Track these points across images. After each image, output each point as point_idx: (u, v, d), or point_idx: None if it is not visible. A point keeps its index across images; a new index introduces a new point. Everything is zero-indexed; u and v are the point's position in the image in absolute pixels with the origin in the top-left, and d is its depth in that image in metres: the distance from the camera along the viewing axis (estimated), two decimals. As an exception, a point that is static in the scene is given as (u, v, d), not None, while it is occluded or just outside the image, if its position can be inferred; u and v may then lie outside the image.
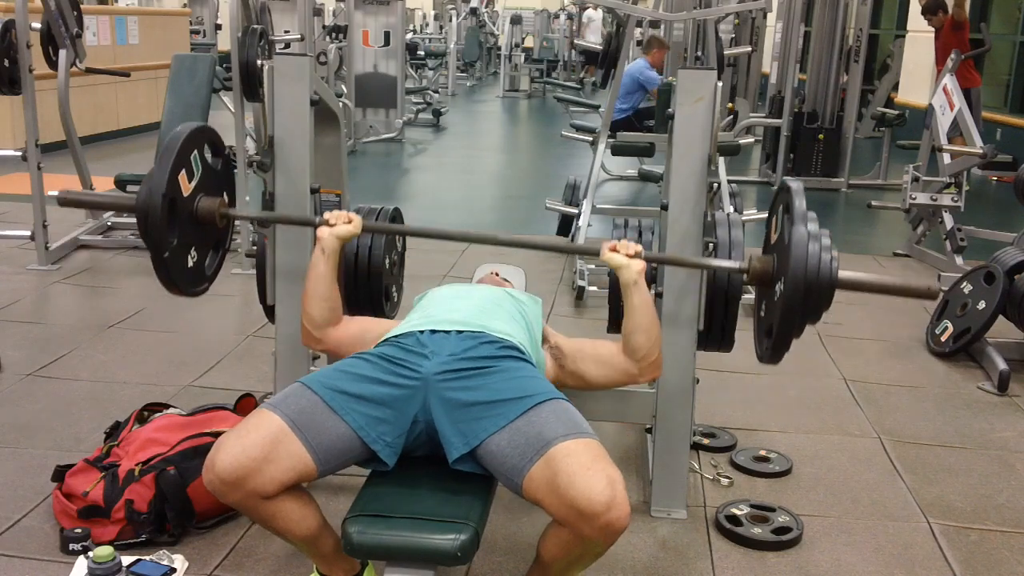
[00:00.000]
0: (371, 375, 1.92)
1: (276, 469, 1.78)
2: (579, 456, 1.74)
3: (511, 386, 1.90)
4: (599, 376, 2.22)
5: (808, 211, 2.03)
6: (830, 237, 2.04)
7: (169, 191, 2.10)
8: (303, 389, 1.90)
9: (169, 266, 2.14)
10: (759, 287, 2.23)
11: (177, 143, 2.14)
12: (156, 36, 9.82)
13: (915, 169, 5.50)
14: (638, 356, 2.17)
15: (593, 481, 1.69)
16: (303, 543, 1.94)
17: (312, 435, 1.83)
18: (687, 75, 2.43)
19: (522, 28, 17.03)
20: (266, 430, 1.81)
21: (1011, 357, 3.72)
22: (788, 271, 1.98)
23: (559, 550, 1.83)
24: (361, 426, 1.86)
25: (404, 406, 1.88)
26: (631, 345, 2.17)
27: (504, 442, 1.81)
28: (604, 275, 2.48)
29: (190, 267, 2.25)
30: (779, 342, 2.07)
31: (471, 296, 2.25)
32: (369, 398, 1.89)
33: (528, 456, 1.77)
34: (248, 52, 4.66)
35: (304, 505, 1.88)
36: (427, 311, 2.16)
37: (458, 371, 1.92)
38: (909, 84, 11.03)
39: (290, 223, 2.48)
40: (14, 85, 4.71)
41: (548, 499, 1.74)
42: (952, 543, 2.49)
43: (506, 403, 1.86)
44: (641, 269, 2.15)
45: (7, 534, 2.35)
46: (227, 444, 1.79)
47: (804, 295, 1.97)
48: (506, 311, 2.18)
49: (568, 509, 1.70)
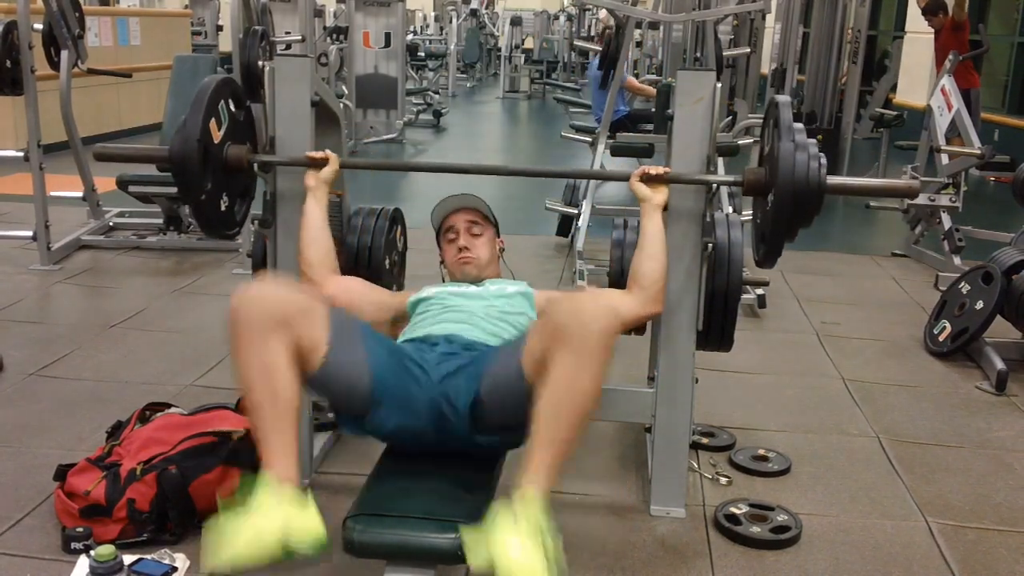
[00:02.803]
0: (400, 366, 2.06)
1: (306, 323, 1.90)
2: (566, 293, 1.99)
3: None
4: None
5: (796, 123, 2.18)
6: (817, 146, 2.18)
7: (203, 137, 2.20)
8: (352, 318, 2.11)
9: (206, 209, 2.28)
10: (754, 197, 2.37)
11: (207, 93, 2.25)
12: (157, 37, 9.83)
13: (913, 170, 5.52)
14: (646, 283, 2.30)
15: (579, 295, 1.97)
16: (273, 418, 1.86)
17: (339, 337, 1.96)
18: (686, 76, 2.44)
19: (522, 29, 17.04)
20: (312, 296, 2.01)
21: (1009, 357, 3.73)
22: (778, 180, 2.12)
23: (553, 392, 1.81)
24: (381, 379, 1.98)
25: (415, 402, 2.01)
26: (641, 271, 2.31)
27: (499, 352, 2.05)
28: (604, 275, 2.49)
29: (222, 211, 2.37)
30: (773, 247, 2.22)
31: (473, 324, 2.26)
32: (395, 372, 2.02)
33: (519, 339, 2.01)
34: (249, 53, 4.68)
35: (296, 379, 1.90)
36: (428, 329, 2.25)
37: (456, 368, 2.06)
38: (907, 85, 11.04)
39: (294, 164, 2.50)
40: (16, 86, 4.73)
41: (548, 309, 1.94)
42: (950, 542, 2.50)
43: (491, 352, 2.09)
44: (661, 202, 2.34)
45: (9, 533, 2.36)
46: (274, 284, 1.98)
47: (794, 201, 2.11)
48: (509, 324, 2.29)
49: (568, 300, 1.89)
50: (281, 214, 2.53)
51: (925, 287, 4.92)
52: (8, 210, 5.86)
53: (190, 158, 2.18)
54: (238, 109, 2.39)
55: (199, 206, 2.28)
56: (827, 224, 6.47)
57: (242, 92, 2.42)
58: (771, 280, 4.14)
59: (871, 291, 4.97)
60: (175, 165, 2.20)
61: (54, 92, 5.11)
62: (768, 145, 2.29)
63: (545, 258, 5.30)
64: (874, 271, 5.36)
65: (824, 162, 2.16)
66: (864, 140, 9.80)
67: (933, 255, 5.37)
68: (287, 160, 2.48)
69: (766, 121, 2.35)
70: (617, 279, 2.54)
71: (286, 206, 2.53)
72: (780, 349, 4.00)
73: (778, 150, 2.14)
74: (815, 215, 2.17)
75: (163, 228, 5.25)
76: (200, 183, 2.24)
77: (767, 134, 2.32)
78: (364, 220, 2.76)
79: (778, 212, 2.15)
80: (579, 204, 5.29)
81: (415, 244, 3.17)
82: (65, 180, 5.74)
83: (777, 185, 2.14)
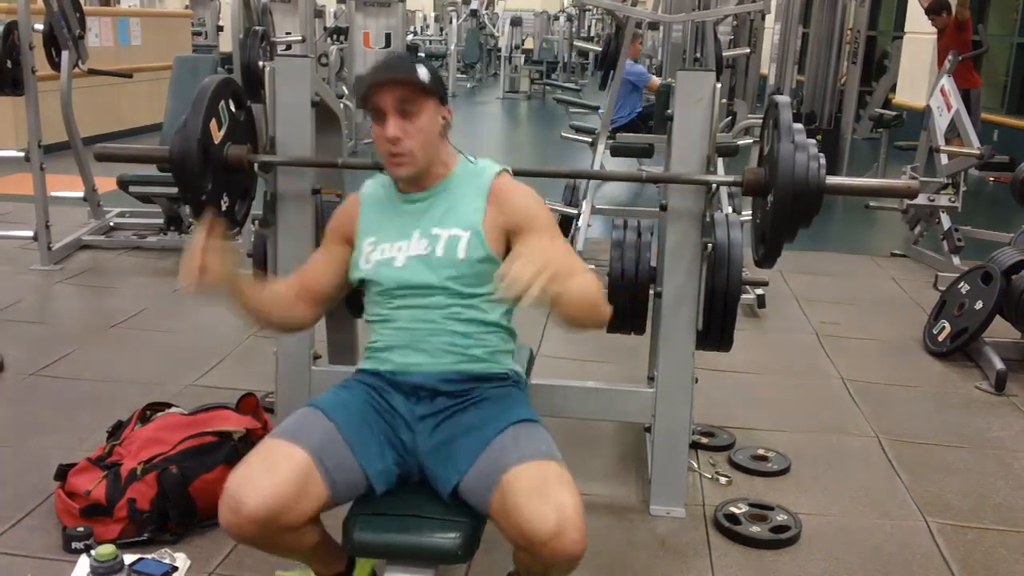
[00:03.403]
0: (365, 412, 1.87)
1: (306, 505, 1.71)
2: (530, 480, 1.66)
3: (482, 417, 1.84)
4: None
5: (795, 123, 2.17)
6: (817, 146, 2.18)
7: (203, 137, 2.20)
8: (318, 416, 1.83)
9: (206, 209, 2.25)
10: (754, 197, 2.36)
11: (207, 93, 2.25)
12: (158, 38, 9.83)
13: (912, 170, 5.52)
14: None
15: (539, 508, 1.61)
16: (304, 556, 1.89)
17: (334, 470, 1.75)
18: (686, 76, 2.44)
19: (522, 30, 17.04)
20: (296, 465, 1.70)
21: (1008, 357, 3.74)
22: (778, 180, 2.12)
23: (524, 569, 1.80)
24: (369, 463, 1.80)
25: (394, 440, 1.86)
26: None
27: (472, 478, 1.75)
28: (604, 275, 2.49)
29: (223, 211, 2.36)
30: (772, 247, 2.22)
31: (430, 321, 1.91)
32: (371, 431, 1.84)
33: (488, 486, 1.70)
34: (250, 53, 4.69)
35: (315, 525, 1.82)
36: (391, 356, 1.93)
37: (435, 413, 1.87)
38: (907, 85, 11.05)
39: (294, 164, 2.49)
40: (17, 86, 4.73)
41: (503, 525, 1.69)
42: (949, 542, 2.50)
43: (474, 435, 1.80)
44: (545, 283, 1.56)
45: (10, 532, 2.36)
46: (255, 481, 1.67)
47: (793, 201, 2.12)
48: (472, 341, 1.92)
49: (519, 536, 1.64)
50: (281, 214, 2.53)
51: (924, 287, 4.92)
52: (9, 210, 5.87)
53: (190, 158, 2.19)
54: (238, 109, 2.40)
55: (199, 206, 2.28)
56: (827, 224, 6.47)
57: (242, 92, 2.43)
58: (771, 280, 4.14)
59: (871, 291, 4.97)
60: (175, 165, 2.21)
61: (55, 92, 5.12)
62: (768, 145, 2.29)
63: (545, 258, 5.29)
64: (873, 271, 5.37)
65: (824, 162, 2.16)
66: (864, 140, 9.81)
67: (932, 255, 5.37)
68: (287, 160, 2.48)
69: (766, 121, 2.36)
70: (617, 279, 2.54)
71: (286, 206, 2.53)
72: (780, 349, 4.00)
73: (778, 150, 2.15)
74: (815, 215, 2.18)
75: (163, 228, 5.25)
76: (200, 183, 2.25)
77: (767, 134, 2.32)
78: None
79: (778, 212, 2.15)
80: (579, 204, 5.30)
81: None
82: (66, 180, 5.75)
83: (777, 185, 2.14)
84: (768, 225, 2.22)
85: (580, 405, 2.66)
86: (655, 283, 2.54)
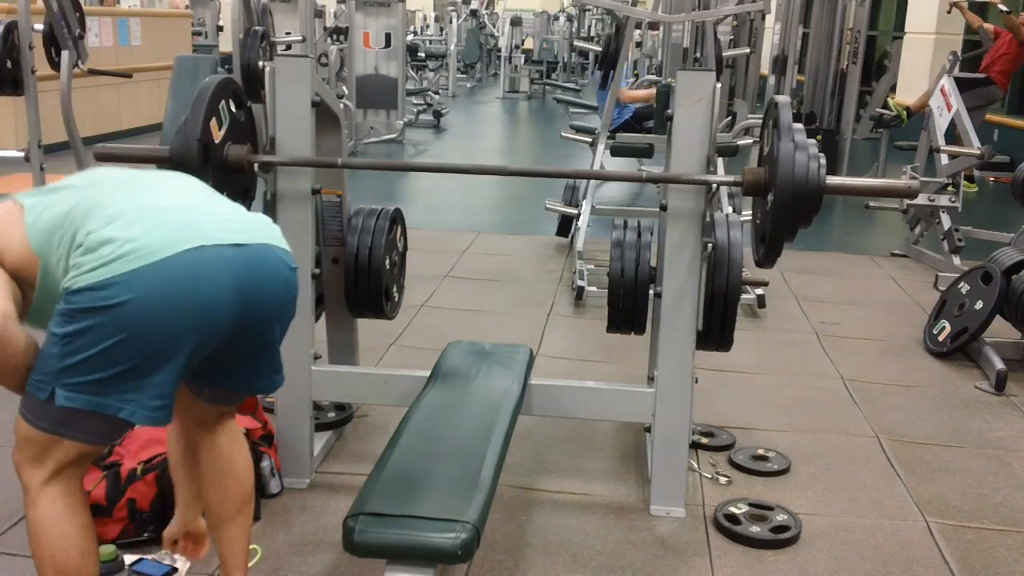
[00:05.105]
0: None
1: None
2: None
3: None
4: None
5: (795, 124, 2.19)
6: (817, 146, 2.19)
7: (203, 137, 2.21)
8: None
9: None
10: (754, 197, 2.37)
11: (207, 93, 2.24)
12: (158, 38, 9.83)
13: (913, 170, 5.52)
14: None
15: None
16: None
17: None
18: (686, 76, 2.44)
19: (522, 30, 17.05)
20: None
21: (1008, 357, 3.74)
22: (778, 180, 2.13)
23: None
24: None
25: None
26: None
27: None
28: (604, 275, 2.49)
29: None
30: (772, 247, 2.23)
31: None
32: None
33: None
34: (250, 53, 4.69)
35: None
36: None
37: None
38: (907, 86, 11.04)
39: (294, 164, 2.49)
40: (17, 86, 4.73)
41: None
42: (949, 542, 2.50)
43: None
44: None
45: (10, 532, 2.36)
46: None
47: (793, 201, 2.13)
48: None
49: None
50: (281, 214, 2.53)
51: (924, 287, 4.92)
52: (8, 210, 5.86)
53: (190, 158, 2.19)
54: (238, 109, 2.40)
55: None
56: (827, 224, 6.48)
57: (242, 92, 2.43)
58: (771, 280, 4.14)
59: (870, 291, 4.97)
60: (175, 165, 2.21)
61: (55, 92, 5.11)
62: (768, 145, 2.30)
63: (545, 258, 5.30)
64: (873, 271, 5.37)
65: (824, 162, 2.17)
66: (863, 140, 9.81)
67: (932, 255, 5.37)
68: (287, 160, 2.48)
69: (766, 121, 2.36)
70: (617, 279, 2.55)
71: (286, 206, 2.53)
72: (780, 349, 4.01)
73: (778, 150, 2.16)
74: (814, 215, 2.19)
75: (163, 228, 5.24)
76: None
77: (767, 134, 2.33)
78: (364, 220, 2.77)
79: (778, 212, 2.16)
80: (579, 204, 5.30)
81: (415, 244, 3.17)
82: (65, 180, 5.74)
83: (777, 185, 2.15)
84: (768, 225, 2.22)
85: (580, 405, 2.66)
86: (655, 283, 2.54)
